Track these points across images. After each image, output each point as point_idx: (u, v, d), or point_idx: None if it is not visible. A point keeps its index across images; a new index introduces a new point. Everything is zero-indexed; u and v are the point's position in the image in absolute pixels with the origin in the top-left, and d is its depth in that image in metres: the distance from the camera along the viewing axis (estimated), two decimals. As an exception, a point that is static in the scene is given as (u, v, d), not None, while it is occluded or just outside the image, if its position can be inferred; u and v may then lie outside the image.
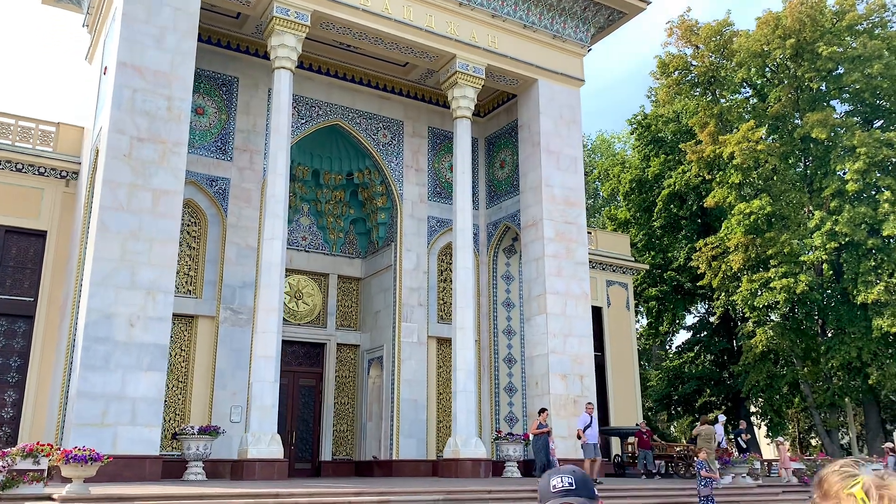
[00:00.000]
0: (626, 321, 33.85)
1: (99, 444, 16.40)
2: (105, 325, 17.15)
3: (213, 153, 23.03)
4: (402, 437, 24.00)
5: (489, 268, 27.18)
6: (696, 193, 36.72)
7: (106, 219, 17.74)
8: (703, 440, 19.24)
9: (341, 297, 27.13)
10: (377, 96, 26.37)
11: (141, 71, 18.93)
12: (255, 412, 18.79)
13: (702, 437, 19.36)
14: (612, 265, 33.71)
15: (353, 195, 27.29)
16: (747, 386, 31.92)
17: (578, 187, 25.54)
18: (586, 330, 24.31)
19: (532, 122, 25.51)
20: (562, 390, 23.25)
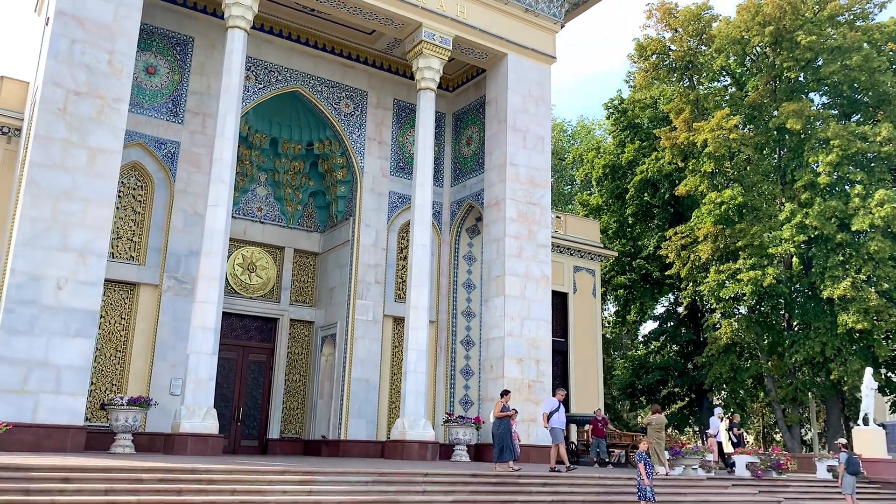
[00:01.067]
0: (591, 308, 33.26)
1: (19, 412, 15.69)
2: (32, 287, 16.26)
3: (163, 115, 22.04)
4: (352, 418, 23.31)
5: (451, 247, 26.44)
6: (668, 181, 36.14)
7: (36, 176, 16.78)
8: (654, 430, 18.68)
9: (297, 271, 26.30)
10: (340, 64, 25.44)
11: (81, 21, 17.91)
12: (191, 385, 18.00)
13: (652, 426, 18.80)
14: (580, 251, 33.07)
15: (314, 167, 26.40)
16: (710, 378, 31.54)
17: (544, 167, 24.83)
18: (545, 314, 23.68)
19: (500, 98, 24.73)
20: (517, 374, 22.65)
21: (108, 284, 20.73)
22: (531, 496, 14.64)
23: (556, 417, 18.37)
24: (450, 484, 14.35)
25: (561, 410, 18.58)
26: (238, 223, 25.21)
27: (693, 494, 16.93)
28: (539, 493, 14.90)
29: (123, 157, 21.17)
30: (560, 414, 18.49)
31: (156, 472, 11.95)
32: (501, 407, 17.16)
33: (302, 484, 12.85)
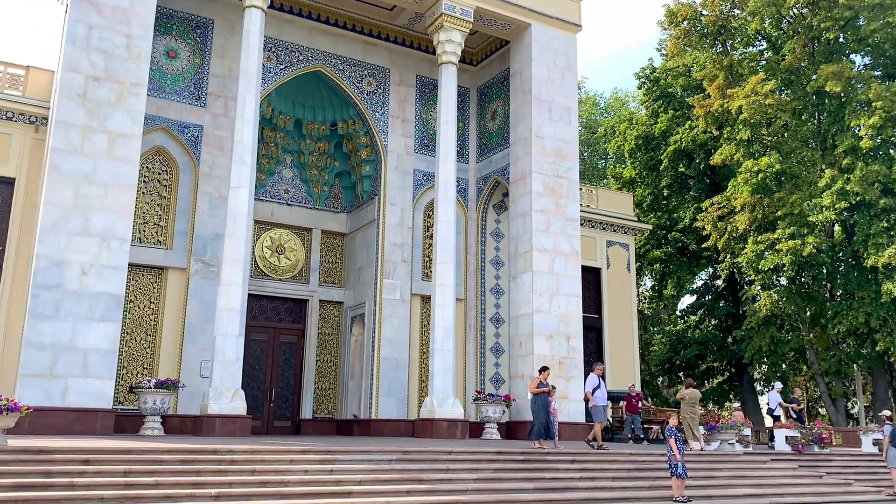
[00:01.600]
0: (626, 283, 32.61)
1: (48, 396, 15.87)
2: (55, 272, 16.40)
3: (185, 98, 22.02)
4: (382, 397, 23.23)
5: (478, 224, 26.09)
6: (703, 151, 35.11)
7: (57, 161, 16.88)
8: (687, 404, 18.16)
9: (325, 252, 26.23)
10: (362, 42, 25.11)
11: (98, 6, 17.90)
12: (218, 367, 18.05)
13: (685, 401, 18.29)
14: (612, 225, 32.39)
15: (338, 147, 26.21)
16: (750, 351, 30.72)
17: (571, 139, 24.27)
18: (575, 289, 23.24)
19: (524, 70, 24.19)
20: (547, 351, 22.28)
21: (136, 269, 20.93)
22: (558, 473, 14.35)
23: (599, 394, 18.05)
24: (474, 462, 14.14)
25: (602, 387, 18.21)
26: (265, 206, 25.21)
27: (728, 470, 16.46)
28: (567, 469, 14.60)
29: (147, 142, 21.35)
30: (602, 390, 18.13)
31: (176, 454, 11.94)
32: (538, 383, 16.69)
33: (323, 463, 12.75)
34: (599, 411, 17.77)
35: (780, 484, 16.12)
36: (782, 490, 15.82)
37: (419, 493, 12.25)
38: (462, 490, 12.71)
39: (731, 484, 15.58)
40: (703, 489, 14.97)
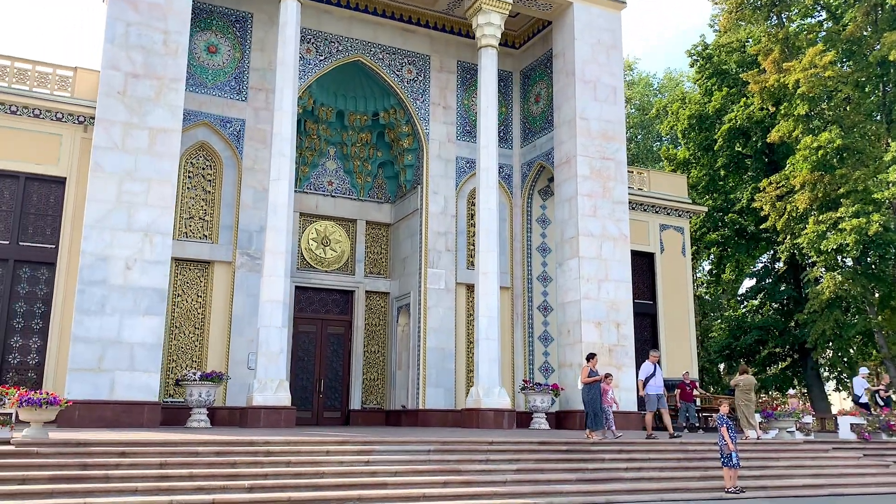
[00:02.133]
0: (681, 268, 31.62)
1: (96, 389, 16.14)
2: (101, 268, 16.68)
3: (226, 93, 22.15)
4: (429, 387, 23.04)
5: (523, 211, 25.60)
6: (760, 129, 33.70)
7: (100, 159, 17.14)
8: (742, 391, 17.37)
9: (370, 243, 26.16)
10: (401, 29, 24.85)
11: (135, 4, 18.08)
12: (262, 358, 18.12)
13: (740, 387, 17.49)
14: (666, 208, 31.44)
15: (380, 137, 26.06)
16: (813, 336, 29.42)
17: (618, 120, 23.55)
18: (624, 274, 22.58)
19: (567, 50, 23.57)
20: (595, 339, 21.72)
21: (183, 263, 21.21)
22: (603, 464, 13.90)
23: (653, 382, 17.26)
24: (515, 453, 13.79)
25: (658, 374, 17.37)
26: (309, 198, 25.27)
27: (786, 459, 15.71)
28: (612, 460, 14.13)
29: (190, 138, 21.58)
30: (657, 378, 17.30)
31: (213, 445, 11.95)
32: (588, 371, 16.06)
33: (360, 454, 12.60)
34: (652, 400, 17.09)
35: (841, 474, 15.30)
36: (844, 480, 15.01)
37: (456, 484, 11.99)
38: (501, 481, 12.40)
39: (788, 474, 14.85)
40: (758, 479, 14.31)
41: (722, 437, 13.43)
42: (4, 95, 21.27)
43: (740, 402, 17.11)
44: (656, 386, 17.08)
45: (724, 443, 13.39)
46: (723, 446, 13.41)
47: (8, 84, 21.19)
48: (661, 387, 17.24)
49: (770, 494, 13.52)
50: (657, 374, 17.20)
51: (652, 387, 17.07)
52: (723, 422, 13.57)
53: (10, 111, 20.52)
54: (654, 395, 17.04)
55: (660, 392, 17.12)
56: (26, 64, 22.39)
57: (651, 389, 17.08)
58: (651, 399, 17.07)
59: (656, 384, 17.08)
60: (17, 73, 21.01)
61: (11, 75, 21.03)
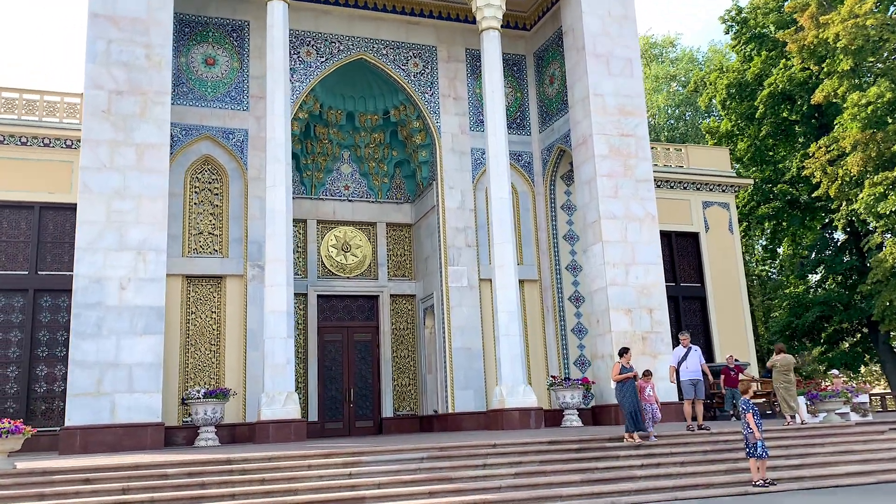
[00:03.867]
0: (729, 245, 29.85)
1: (96, 414, 15.84)
2: (95, 290, 16.39)
3: (227, 104, 21.76)
4: (458, 389, 22.08)
5: (546, 198, 24.39)
6: (805, 90, 31.41)
7: (88, 180, 16.90)
8: (780, 372, 15.71)
9: (392, 245, 25.40)
10: (404, 22, 24.04)
11: (115, 20, 17.81)
12: (269, 371, 17.55)
13: (777, 368, 15.84)
14: (708, 184, 29.73)
15: (394, 135, 25.30)
16: (879, 308, 27.08)
17: (636, 93, 22.13)
18: (653, 257, 21.14)
19: (576, 25, 22.31)
20: (626, 327, 20.36)
21: (194, 280, 20.88)
22: (617, 462, 12.68)
23: (685, 368, 15.64)
24: (519, 455, 12.72)
25: (693, 358, 15.61)
26: (326, 204, 24.73)
27: (832, 445, 14.11)
28: (628, 457, 12.90)
29: (194, 153, 21.28)
30: (691, 362, 15.60)
31: (184, 466, 11.32)
32: (619, 368, 14.29)
33: (345, 467, 11.77)
34: (686, 387, 15.52)
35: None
36: (900, 465, 13.33)
37: (443, 493, 11.02)
38: (495, 487, 11.36)
39: (831, 461, 13.29)
40: (797, 469, 12.84)
41: (747, 425, 12.04)
42: (15, 128, 21.54)
43: (779, 384, 15.52)
44: (690, 371, 15.48)
45: (749, 430, 11.99)
46: (748, 435, 12.02)
47: (18, 116, 21.34)
48: (697, 371, 15.53)
49: (805, 486, 12.04)
50: (690, 357, 15.60)
51: (685, 372, 15.52)
52: (748, 407, 12.17)
53: (21, 142, 20.69)
54: (687, 382, 15.50)
55: (693, 377, 15.45)
56: (34, 95, 22.58)
57: (684, 375, 15.54)
58: (685, 386, 15.53)
59: (689, 369, 15.49)
60: (26, 104, 21.17)
61: (20, 107, 21.20)
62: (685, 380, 15.62)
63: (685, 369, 15.61)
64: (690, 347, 15.65)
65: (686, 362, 15.56)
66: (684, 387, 15.56)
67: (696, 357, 15.53)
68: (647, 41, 56.05)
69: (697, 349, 15.65)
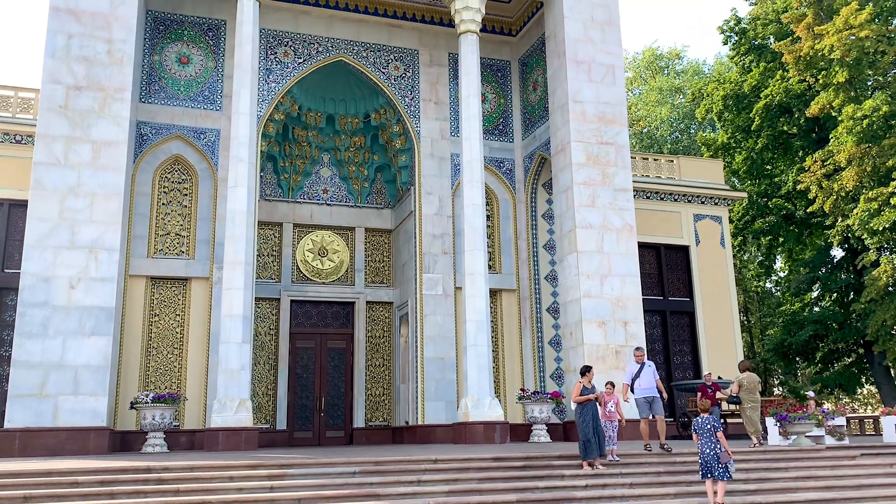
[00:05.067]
0: (720, 260, 29.02)
1: (38, 416, 15.41)
2: (42, 288, 15.98)
3: (200, 104, 21.38)
4: (428, 401, 21.46)
5: (527, 207, 23.81)
6: (802, 103, 30.64)
7: (41, 176, 16.52)
8: (746, 391, 14.95)
9: (370, 251, 24.89)
10: (386, 25, 23.61)
11: (77, 14, 17.49)
12: (222, 376, 17.05)
13: (744, 387, 15.08)
14: (699, 196, 28.98)
15: (375, 139, 24.83)
16: (873, 327, 26.20)
17: (617, 101, 21.55)
18: (630, 268, 20.48)
19: (558, 30, 21.78)
20: (599, 339, 19.71)
21: (158, 281, 20.45)
22: (561, 481, 12.04)
23: (639, 385, 14.70)
24: (459, 471, 12.12)
25: (646, 375, 14.70)
26: (303, 207, 24.29)
27: (794, 469, 13.39)
28: (574, 476, 12.24)
29: (164, 152, 20.89)
30: (644, 379, 14.67)
31: (98, 474, 10.82)
32: (580, 389, 13.25)
33: (269, 479, 11.22)
34: (640, 404, 14.65)
35: (862, 485, 12.88)
36: (866, 493, 12.59)
37: (366, 511, 10.43)
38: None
39: (792, 487, 12.58)
40: (751, 495, 12.14)
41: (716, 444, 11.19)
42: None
43: (745, 404, 14.78)
44: (643, 389, 14.57)
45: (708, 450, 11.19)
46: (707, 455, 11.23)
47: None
48: (651, 388, 14.56)
49: (757, 513, 11.34)
50: (644, 374, 14.67)
51: (638, 390, 14.64)
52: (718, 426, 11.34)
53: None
54: (641, 399, 14.62)
55: (648, 394, 14.46)
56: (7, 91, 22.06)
57: (638, 393, 14.67)
58: (640, 404, 14.67)
59: (643, 387, 14.60)
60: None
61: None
62: (639, 397, 14.59)
63: (639, 386, 14.57)
64: (644, 363, 14.70)
65: (640, 379, 14.55)
66: (639, 404, 14.65)
67: (649, 373, 14.54)
68: (653, 53, 55.45)
69: (652, 364, 14.77)
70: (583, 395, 13.24)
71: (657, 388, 14.61)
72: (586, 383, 13.39)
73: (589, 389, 13.31)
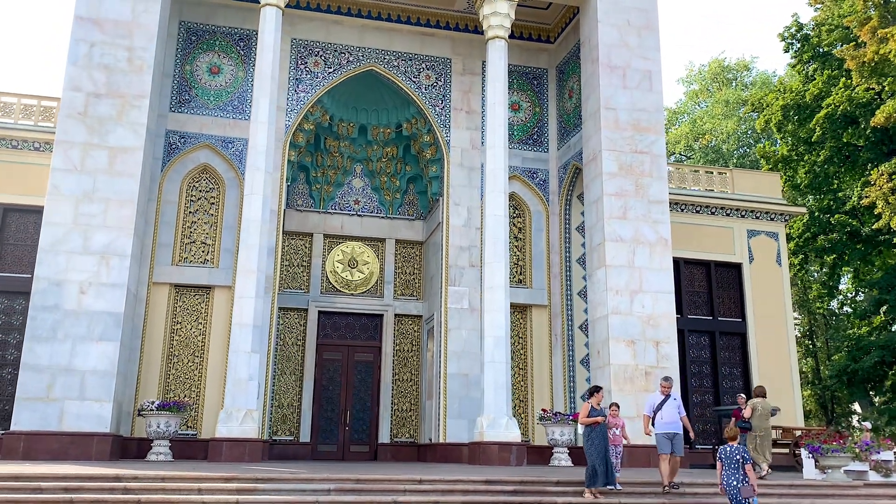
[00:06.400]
0: (776, 279, 27.29)
1: (44, 419, 15.46)
2: (54, 293, 16.10)
3: (229, 113, 21.43)
4: (450, 418, 20.73)
5: (561, 219, 22.90)
6: (869, 112, 28.68)
7: (58, 181, 16.72)
8: (759, 418, 13.69)
9: (401, 262, 24.43)
10: (419, 34, 23.23)
11: (100, 23, 17.74)
12: (230, 386, 16.83)
13: (756, 413, 13.79)
14: (754, 210, 27.37)
15: (407, 150, 24.43)
16: (944, 354, 24.11)
17: (653, 108, 20.52)
18: (664, 284, 19.34)
19: (592, 35, 20.95)
20: (627, 359, 18.62)
21: (182, 289, 20.50)
22: (551, 509, 11.16)
23: (660, 419, 12.91)
24: (442, 493, 11.40)
25: (670, 408, 12.86)
26: (334, 218, 24.07)
27: (822, 508, 12.09)
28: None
29: (192, 161, 21.01)
30: (667, 412, 12.84)
31: (64, 481, 10.59)
32: (588, 410, 12.21)
33: (238, 493, 10.77)
34: (663, 441, 12.65)
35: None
36: (900, 538, 11.23)
37: (328, 532, 9.83)
38: (392, 530, 10.09)
39: (813, 528, 11.33)
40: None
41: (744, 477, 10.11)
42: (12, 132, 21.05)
43: (758, 430, 13.50)
44: (665, 423, 12.72)
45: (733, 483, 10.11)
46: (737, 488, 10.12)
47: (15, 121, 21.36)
48: (675, 424, 12.71)
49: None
50: (667, 407, 12.81)
51: (660, 424, 12.75)
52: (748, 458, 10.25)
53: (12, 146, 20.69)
54: (661, 435, 12.68)
55: (669, 430, 12.65)
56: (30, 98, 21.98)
57: (659, 427, 12.76)
58: (660, 440, 12.68)
59: (665, 420, 12.74)
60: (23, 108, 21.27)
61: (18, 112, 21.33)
62: (660, 432, 12.78)
63: (660, 420, 12.80)
64: (669, 395, 12.91)
65: (661, 412, 12.81)
66: (658, 440, 12.73)
67: (673, 406, 12.83)
68: (720, 64, 53.51)
69: (677, 397, 13.02)
70: (591, 417, 12.17)
71: (682, 424, 12.83)
72: (595, 404, 12.29)
73: (598, 411, 12.24)
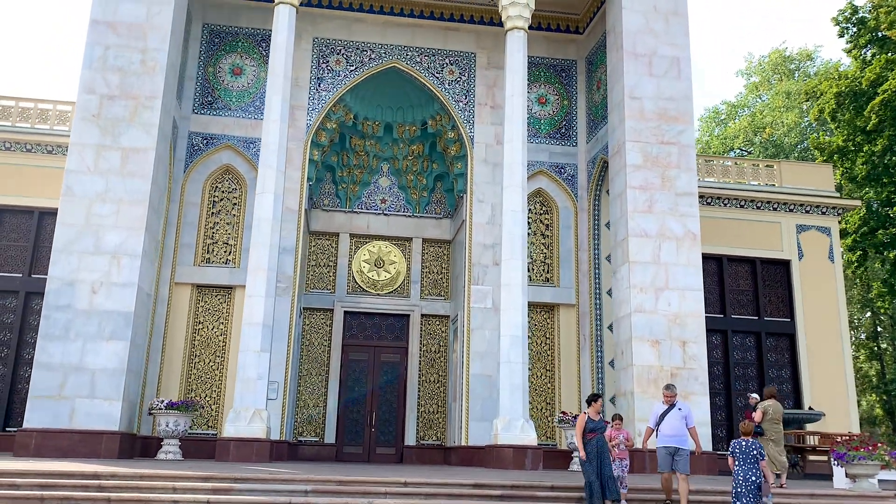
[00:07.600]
0: (828, 277, 25.78)
1: (55, 417, 15.66)
2: (67, 292, 16.32)
3: (250, 114, 21.49)
4: (472, 421, 20.19)
5: (589, 215, 22.10)
6: (930, 98, 26.81)
7: (72, 183, 16.96)
8: (770, 420, 12.65)
9: (428, 262, 24.04)
10: (442, 28, 22.83)
11: (114, 26, 17.95)
12: (239, 385, 16.69)
13: (769, 415, 12.74)
14: (803, 204, 25.92)
15: (433, 147, 24.04)
16: None
17: (682, 97, 19.56)
18: (691, 281, 18.35)
19: (617, 22, 20.15)
20: (653, 360, 17.73)
21: (204, 289, 20.62)
22: (538, 516, 10.55)
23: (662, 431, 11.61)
24: (426, 497, 10.93)
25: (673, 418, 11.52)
26: (360, 218, 23.88)
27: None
28: (556, 512, 10.71)
29: (214, 162, 21.14)
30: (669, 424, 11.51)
31: (39, 477, 10.57)
32: (584, 422, 11.10)
33: (212, 493, 10.55)
34: (660, 456, 11.48)
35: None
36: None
37: (292, 535, 9.49)
38: (361, 534, 9.68)
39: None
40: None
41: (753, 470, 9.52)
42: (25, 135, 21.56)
43: (769, 435, 12.52)
44: (666, 435, 11.45)
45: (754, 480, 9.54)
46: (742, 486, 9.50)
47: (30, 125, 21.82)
48: (678, 437, 11.41)
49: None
50: (670, 418, 11.54)
51: (661, 437, 11.52)
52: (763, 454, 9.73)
53: (27, 149, 21.20)
54: (662, 449, 11.45)
55: (671, 444, 11.35)
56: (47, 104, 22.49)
57: (660, 440, 11.54)
58: (661, 455, 11.48)
59: (666, 433, 11.47)
60: (39, 112, 21.75)
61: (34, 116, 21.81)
62: (661, 446, 11.54)
63: (661, 433, 11.57)
64: (674, 405, 11.64)
65: (664, 424, 11.52)
66: (658, 456, 11.54)
67: (677, 417, 11.50)
68: (781, 54, 51.25)
69: (685, 407, 11.68)
70: (587, 430, 11.02)
71: (689, 437, 11.53)
72: (593, 414, 11.20)
73: (595, 422, 11.14)
